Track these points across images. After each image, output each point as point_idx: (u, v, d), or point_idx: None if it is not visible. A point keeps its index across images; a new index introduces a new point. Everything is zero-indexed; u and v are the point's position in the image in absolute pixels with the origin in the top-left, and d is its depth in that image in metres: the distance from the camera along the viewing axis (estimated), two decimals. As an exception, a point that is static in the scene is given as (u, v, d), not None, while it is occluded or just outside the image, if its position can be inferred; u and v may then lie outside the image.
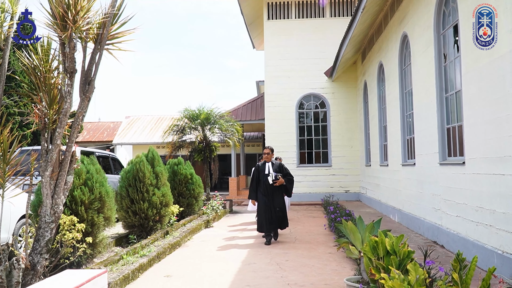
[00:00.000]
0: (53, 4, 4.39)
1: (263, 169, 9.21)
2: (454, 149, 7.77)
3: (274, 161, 9.42)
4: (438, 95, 8.26)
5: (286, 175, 9.26)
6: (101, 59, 4.71)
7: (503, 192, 5.67)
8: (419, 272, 3.75)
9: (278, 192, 9.13)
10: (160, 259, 7.49)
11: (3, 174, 4.34)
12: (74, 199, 6.61)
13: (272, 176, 8.99)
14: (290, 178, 9.32)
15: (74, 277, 3.67)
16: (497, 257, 5.75)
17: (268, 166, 9.22)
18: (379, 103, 13.92)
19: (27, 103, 14.25)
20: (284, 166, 9.50)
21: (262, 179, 9.14)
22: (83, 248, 6.21)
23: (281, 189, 9.20)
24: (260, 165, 9.38)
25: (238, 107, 21.68)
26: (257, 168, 9.34)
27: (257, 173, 9.25)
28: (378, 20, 13.13)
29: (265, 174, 9.13)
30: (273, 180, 8.97)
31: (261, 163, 9.41)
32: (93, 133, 29.27)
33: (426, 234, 8.89)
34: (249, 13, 19.22)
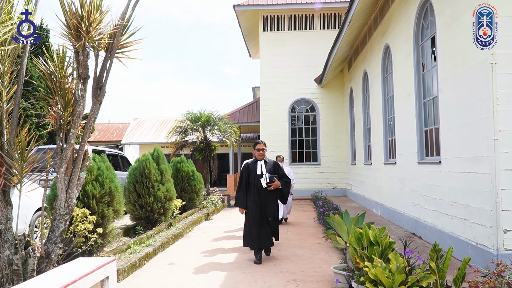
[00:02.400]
0: (67, 16, 4.37)
1: (254, 169, 6.79)
2: (431, 150, 7.78)
3: (267, 158, 6.96)
4: (417, 100, 8.28)
5: (282, 177, 6.82)
6: (111, 66, 4.69)
7: (476, 189, 5.68)
8: (399, 261, 3.75)
9: (271, 197, 6.74)
10: (164, 248, 7.47)
11: (21, 170, 4.31)
12: (86, 193, 6.59)
13: (266, 178, 6.65)
14: (286, 180, 6.83)
15: (85, 264, 3.65)
16: (471, 248, 5.76)
17: (261, 166, 6.78)
18: (364, 108, 13.93)
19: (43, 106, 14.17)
20: (280, 166, 7.00)
21: (253, 182, 6.71)
22: (94, 238, 6.19)
23: (276, 193, 6.81)
24: (251, 163, 6.92)
25: (236, 111, 21.65)
26: (247, 167, 6.87)
27: (247, 174, 6.82)
28: (363, 32, 13.14)
29: (257, 175, 6.71)
30: (267, 183, 6.63)
31: (252, 161, 6.99)
32: (104, 134, 29.15)
33: (405, 227, 8.90)
34: (246, 25, 19.25)
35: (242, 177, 6.87)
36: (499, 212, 5.15)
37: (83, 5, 4.35)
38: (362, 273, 4.13)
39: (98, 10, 4.46)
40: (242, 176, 6.89)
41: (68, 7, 4.36)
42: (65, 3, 4.38)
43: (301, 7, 17.90)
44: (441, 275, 3.71)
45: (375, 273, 3.64)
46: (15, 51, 4.47)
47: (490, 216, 5.28)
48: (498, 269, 3.71)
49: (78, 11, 4.35)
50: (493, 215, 5.21)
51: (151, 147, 13.84)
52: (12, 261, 4.20)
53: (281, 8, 18.00)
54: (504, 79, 5.25)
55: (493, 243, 5.20)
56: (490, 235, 5.27)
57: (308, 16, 18.35)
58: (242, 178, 6.85)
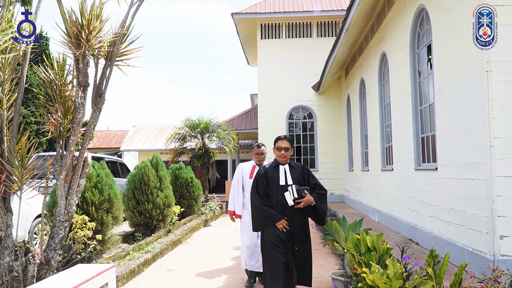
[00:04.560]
0: (68, 24, 4.39)
1: (276, 177, 4.41)
2: (428, 156, 7.81)
3: (292, 162, 4.60)
4: (414, 107, 8.31)
5: (314, 188, 4.41)
6: (111, 74, 4.71)
7: (473, 195, 5.70)
8: (396, 267, 3.76)
9: (300, 218, 4.34)
10: (163, 255, 7.45)
11: (21, 177, 4.31)
12: (86, 200, 6.58)
13: (293, 192, 4.19)
14: (322, 193, 4.41)
15: (85, 271, 3.64)
16: (468, 254, 5.76)
17: (285, 172, 4.43)
18: (361, 114, 13.97)
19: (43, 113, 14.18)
20: (310, 171, 4.58)
21: (275, 195, 4.32)
22: (93, 244, 6.17)
23: (305, 213, 4.37)
24: (270, 168, 4.50)
25: (234, 117, 21.67)
26: (263, 173, 4.46)
27: (264, 183, 4.40)
28: (359, 40, 13.21)
29: (280, 186, 4.34)
30: (295, 199, 4.19)
31: (271, 164, 4.56)
32: (103, 141, 29.13)
33: (403, 233, 8.90)
34: (244, 33, 19.34)
35: (257, 186, 4.39)
36: (495, 218, 5.16)
37: (83, 14, 4.38)
38: (360, 279, 4.13)
39: (98, 19, 4.48)
40: (256, 184, 4.41)
41: (68, 16, 4.39)
42: (66, 12, 4.41)
43: (299, 15, 17.99)
44: (438, 280, 3.72)
45: (373, 279, 3.64)
46: (16, 59, 4.49)
47: (486, 222, 5.29)
48: (494, 274, 3.72)
49: (79, 20, 4.38)
50: (489, 221, 5.22)
51: (150, 154, 13.84)
52: (12, 267, 4.19)
53: (278, 16, 18.09)
54: (500, 86, 5.28)
55: (490, 249, 5.20)
56: (487, 241, 5.28)
57: (306, 24, 18.44)
58: (257, 189, 4.38)
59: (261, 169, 4.54)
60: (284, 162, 4.50)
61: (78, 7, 4.37)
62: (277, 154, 4.53)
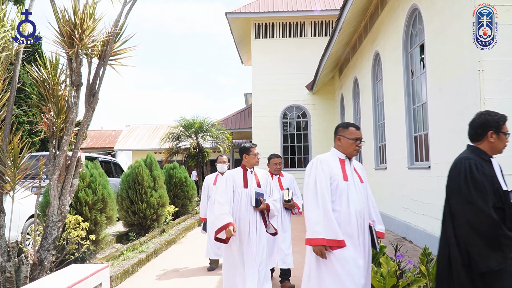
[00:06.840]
0: (61, 24, 4.36)
1: None
2: (421, 155, 7.84)
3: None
4: (407, 106, 8.35)
5: None
6: (104, 73, 4.68)
7: (465, 193, 5.71)
8: (390, 265, 3.77)
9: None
10: (157, 255, 7.43)
11: (14, 177, 4.28)
12: (79, 200, 6.54)
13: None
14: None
15: (78, 271, 3.62)
16: (459, 251, 5.78)
17: None
18: (354, 114, 14.01)
19: (36, 113, 14.08)
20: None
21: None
22: (87, 244, 6.14)
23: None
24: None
25: (228, 117, 21.65)
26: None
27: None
28: (353, 39, 13.24)
29: None
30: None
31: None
32: (96, 140, 28.99)
33: (396, 231, 8.94)
34: (238, 32, 19.32)
35: None
36: (487, 216, 5.18)
37: (76, 13, 4.35)
38: (354, 277, 4.13)
39: (91, 18, 4.45)
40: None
41: (61, 15, 4.35)
42: (59, 11, 4.38)
43: (293, 14, 18.00)
44: (431, 278, 3.74)
45: (367, 277, 3.65)
46: (8, 58, 4.45)
47: (479, 220, 5.32)
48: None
49: (72, 19, 4.35)
50: (481, 219, 5.25)
51: (144, 153, 13.79)
52: (5, 268, 4.16)
53: (272, 16, 18.09)
54: (491, 85, 5.31)
55: (482, 247, 5.23)
56: (479, 239, 5.30)
57: (300, 24, 18.46)
58: None
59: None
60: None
61: (71, 6, 4.34)
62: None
